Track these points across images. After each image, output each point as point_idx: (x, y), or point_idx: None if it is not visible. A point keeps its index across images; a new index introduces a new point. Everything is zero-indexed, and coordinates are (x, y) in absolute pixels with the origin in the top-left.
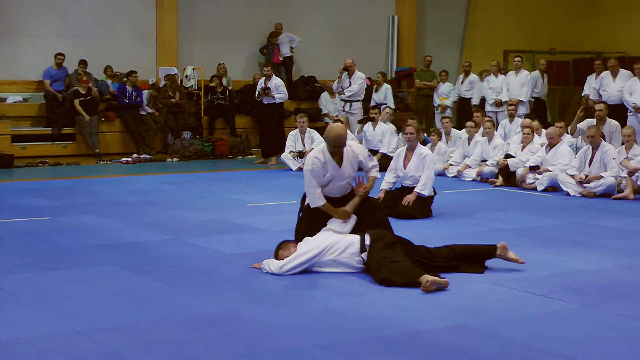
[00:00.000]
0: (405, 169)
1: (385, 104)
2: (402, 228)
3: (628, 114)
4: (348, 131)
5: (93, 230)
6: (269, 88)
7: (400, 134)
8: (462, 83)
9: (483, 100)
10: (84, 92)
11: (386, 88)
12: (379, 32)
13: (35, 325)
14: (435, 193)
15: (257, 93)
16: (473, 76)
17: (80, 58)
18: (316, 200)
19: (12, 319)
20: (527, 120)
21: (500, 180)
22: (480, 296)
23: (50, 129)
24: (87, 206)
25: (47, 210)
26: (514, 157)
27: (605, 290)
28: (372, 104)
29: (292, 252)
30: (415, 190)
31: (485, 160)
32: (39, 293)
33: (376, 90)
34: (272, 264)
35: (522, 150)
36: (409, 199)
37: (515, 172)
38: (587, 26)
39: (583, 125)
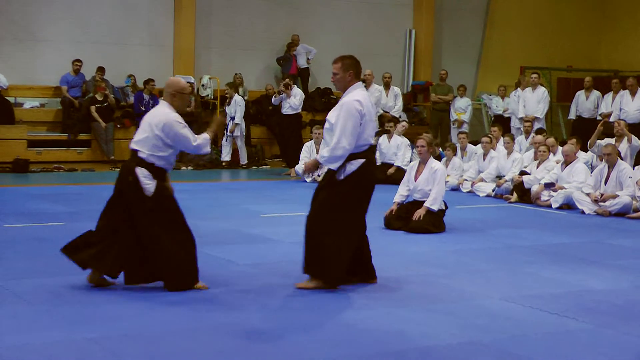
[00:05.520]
0: (415, 181)
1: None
2: (416, 242)
3: None
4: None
5: None
6: (290, 84)
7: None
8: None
9: (500, 117)
10: (100, 99)
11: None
12: (396, 45)
13: (48, 331)
14: (446, 207)
15: (274, 96)
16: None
17: (98, 65)
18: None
19: (25, 324)
20: (541, 137)
21: (515, 196)
22: (493, 313)
23: (66, 134)
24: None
25: (62, 215)
26: (529, 174)
27: (621, 310)
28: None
29: None
30: (425, 204)
31: (501, 176)
32: (52, 299)
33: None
34: None
35: (537, 168)
36: (419, 213)
37: (530, 189)
38: (604, 44)
39: (602, 141)
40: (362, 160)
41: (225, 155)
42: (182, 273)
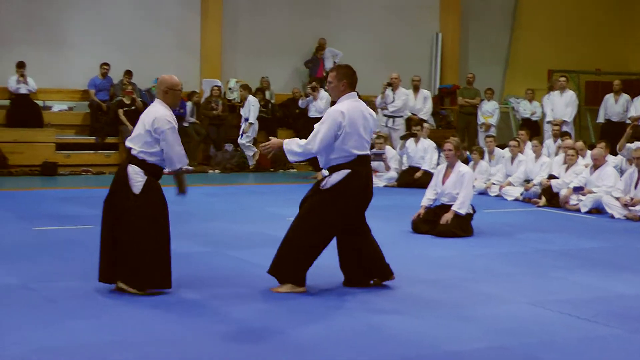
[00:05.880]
0: (443, 185)
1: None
2: (445, 246)
3: None
4: (389, 147)
5: None
6: (317, 87)
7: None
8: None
9: (527, 120)
10: (128, 102)
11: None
12: (423, 49)
13: (76, 334)
14: (474, 211)
15: (301, 99)
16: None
17: (125, 68)
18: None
19: (53, 327)
20: (571, 142)
21: (543, 200)
22: (521, 318)
23: (94, 137)
24: None
25: (90, 218)
26: (557, 178)
27: None
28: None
29: None
30: (452, 208)
31: (529, 180)
32: (81, 302)
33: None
34: None
35: (566, 171)
36: (446, 217)
37: (558, 192)
38: (632, 47)
39: (632, 145)
40: (347, 171)
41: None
42: (147, 272)
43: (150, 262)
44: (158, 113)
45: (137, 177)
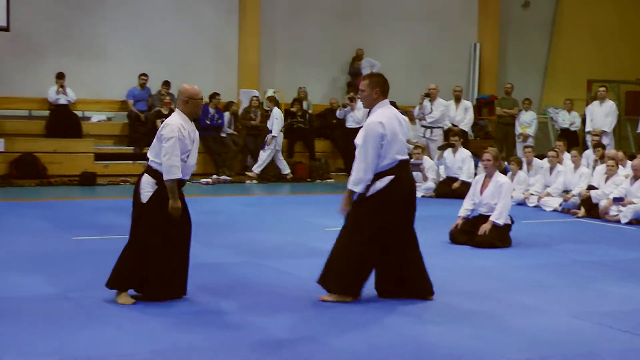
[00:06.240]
0: (481, 195)
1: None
2: (483, 257)
3: None
4: (427, 157)
5: None
6: (354, 98)
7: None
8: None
9: (566, 130)
10: (166, 113)
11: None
12: (461, 59)
13: (112, 344)
14: (512, 222)
15: (338, 110)
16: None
17: (163, 79)
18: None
19: (90, 337)
20: (612, 152)
21: (582, 211)
22: (560, 330)
23: (132, 148)
24: None
25: (128, 228)
26: (596, 189)
27: None
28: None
29: None
30: (490, 219)
31: (568, 191)
32: (117, 311)
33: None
34: None
35: (605, 182)
36: (484, 228)
37: (598, 203)
38: None
39: None
40: (390, 177)
41: (284, 169)
42: (129, 276)
43: (144, 269)
44: (170, 121)
45: (146, 187)
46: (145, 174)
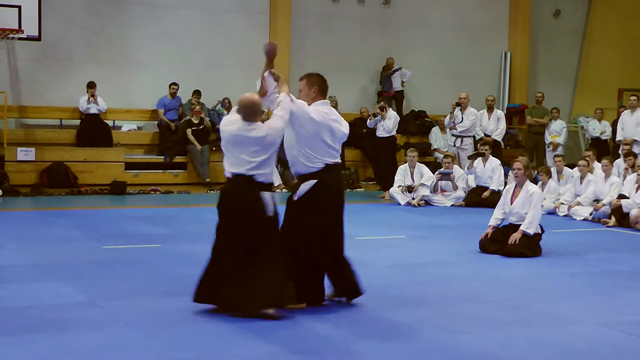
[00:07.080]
0: (511, 204)
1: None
2: (513, 266)
3: None
4: (457, 167)
5: (202, 259)
6: (385, 107)
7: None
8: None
9: (597, 139)
10: (196, 122)
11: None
12: (491, 68)
13: (144, 353)
14: (542, 231)
15: (369, 119)
16: None
17: (194, 88)
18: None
19: (122, 346)
20: None
21: (613, 220)
22: (590, 339)
23: (162, 157)
24: (196, 235)
25: (158, 237)
26: (627, 198)
27: None
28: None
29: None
30: (520, 228)
31: (598, 200)
32: (148, 320)
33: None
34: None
35: (636, 191)
36: (514, 237)
37: (628, 212)
38: None
39: None
40: (313, 182)
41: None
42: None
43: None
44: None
45: (269, 201)
46: (261, 192)
